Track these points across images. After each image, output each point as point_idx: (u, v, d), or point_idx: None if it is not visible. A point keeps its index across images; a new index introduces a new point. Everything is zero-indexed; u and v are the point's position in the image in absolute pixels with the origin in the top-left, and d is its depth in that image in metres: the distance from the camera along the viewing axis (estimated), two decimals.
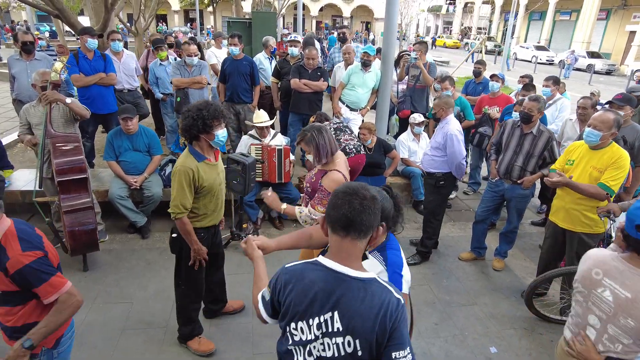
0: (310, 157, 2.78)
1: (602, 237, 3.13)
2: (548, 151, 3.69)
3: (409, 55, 5.94)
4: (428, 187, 4.11)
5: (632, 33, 25.16)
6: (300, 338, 1.41)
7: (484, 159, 5.79)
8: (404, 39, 25.32)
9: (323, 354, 1.39)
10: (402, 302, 1.36)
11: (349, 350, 1.35)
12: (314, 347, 1.40)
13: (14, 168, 5.28)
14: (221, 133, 2.57)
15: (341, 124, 4.22)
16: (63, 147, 3.58)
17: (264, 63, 6.15)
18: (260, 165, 4.37)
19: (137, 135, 4.36)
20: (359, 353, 1.34)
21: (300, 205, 2.85)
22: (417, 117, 5.30)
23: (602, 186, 2.97)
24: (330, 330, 1.36)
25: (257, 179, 4.37)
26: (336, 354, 1.37)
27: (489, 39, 27.59)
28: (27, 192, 4.38)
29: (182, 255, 2.82)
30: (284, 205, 2.80)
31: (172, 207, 2.57)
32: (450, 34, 44.87)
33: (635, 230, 1.69)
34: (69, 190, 3.57)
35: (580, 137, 3.88)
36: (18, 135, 4.00)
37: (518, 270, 4.21)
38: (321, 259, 1.42)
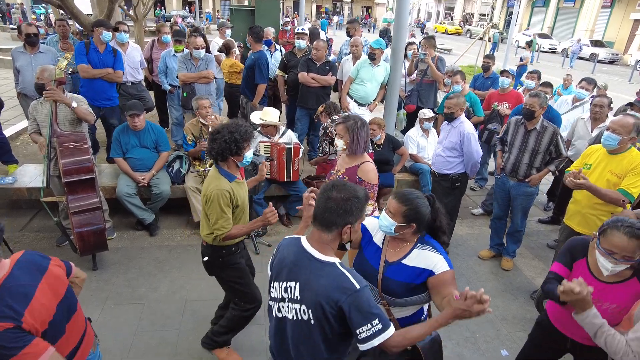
0: (340, 142, 2.82)
1: None
2: (554, 146, 3.67)
3: (412, 44, 5.89)
4: (442, 189, 4.06)
5: (637, 21, 24.87)
6: (274, 295, 1.75)
7: (492, 156, 5.76)
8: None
9: (288, 316, 1.70)
10: (358, 288, 1.57)
11: (304, 317, 1.64)
12: (283, 307, 1.71)
13: (19, 163, 5.25)
14: (249, 154, 2.53)
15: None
16: (70, 147, 3.52)
17: None
18: (269, 163, 4.32)
19: (144, 131, 4.29)
20: (312, 322, 1.62)
21: None
22: (426, 113, 5.23)
23: (623, 192, 2.94)
24: (292, 296, 1.67)
25: (266, 177, 4.32)
26: (295, 318, 1.67)
27: (493, 26, 27.21)
28: (34, 189, 4.33)
29: (220, 277, 2.78)
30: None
31: (215, 230, 2.49)
32: (452, 19, 44.27)
33: None
34: (76, 190, 3.52)
35: (597, 139, 3.85)
36: (29, 134, 3.94)
37: (527, 269, 4.22)
38: (302, 238, 1.73)
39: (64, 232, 3.83)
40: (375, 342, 1.57)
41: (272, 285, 1.76)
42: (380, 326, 1.56)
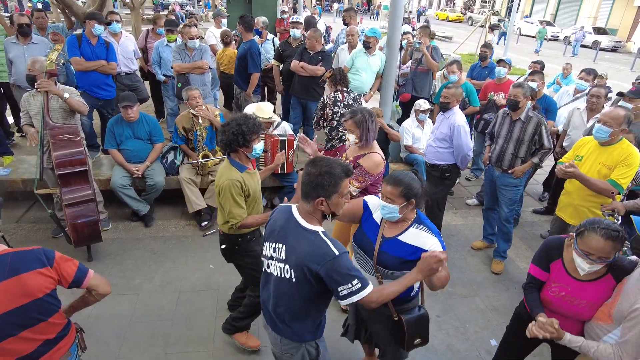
0: (352, 137, 2.90)
1: None
2: (538, 135, 3.67)
3: (407, 34, 5.83)
4: (432, 179, 4.07)
5: None
6: (265, 253, 1.95)
7: None
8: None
9: (274, 273, 1.89)
10: (337, 254, 1.71)
11: (287, 276, 1.82)
12: (271, 264, 1.90)
13: (14, 154, 5.25)
14: (259, 146, 2.59)
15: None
16: (62, 139, 3.52)
17: None
18: (262, 154, 4.32)
19: (138, 123, 4.29)
20: (293, 280, 1.80)
21: None
22: (422, 104, 5.21)
23: (613, 183, 2.96)
24: (278, 256, 1.85)
25: (260, 168, 4.33)
26: (279, 275, 1.86)
27: (494, 13, 26.89)
28: (29, 180, 4.35)
29: (238, 263, 2.88)
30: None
31: (230, 219, 2.57)
32: (453, 6, 43.68)
33: None
34: (69, 183, 3.54)
35: (592, 130, 3.84)
36: (21, 126, 3.94)
37: (519, 260, 4.24)
38: (293, 206, 1.90)
39: (59, 224, 3.86)
40: (355, 298, 1.73)
41: (264, 244, 1.96)
42: (359, 285, 1.72)
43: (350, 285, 1.71)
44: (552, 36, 25.77)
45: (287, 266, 1.80)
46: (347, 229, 3.20)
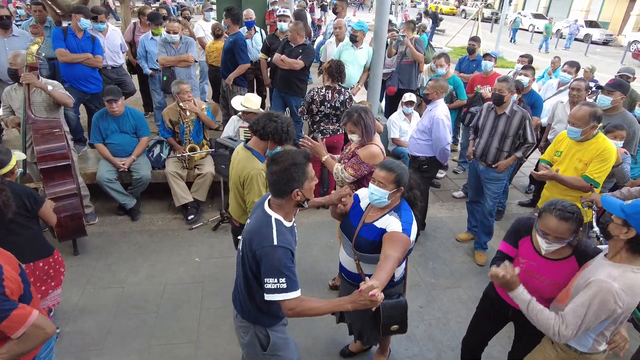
0: (354, 137, 2.97)
1: (585, 227, 3.19)
2: (522, 130, 3.71)
3: (396, 32, 5.83)
4: (413, 170, 4.11)
5: (633, 1, 24.59)
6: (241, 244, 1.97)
7: None
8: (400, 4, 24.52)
9: (240, 249, 1.96)
10: (274, 245, 1.76)
11: (242, 250, 1.91)
12: (240, 243, 1.96)
13: None
14: (276, 150, 2.68)
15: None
16: (45, 133, 3.51)
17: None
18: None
19: (123, 116, 4.27)
20: (241, 253, 1.91)
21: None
22: (407, 96, 5.23)
23: (586, 178, 3.02)
24: (243, 234, 1.92)
25: None
26: (240, 251, 1.94)
27: (487, 6, 26.88)
28: None
29: None
30: (326, 156, 3.10)
31: (251, 210, 2.56)
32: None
33: None
34: (52, 177, 3.53)
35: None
36: (1, 120, 3.91)
37: None
38: (266, 199, 1.94)
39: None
40: (277, 297, 1.76)
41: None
42: (285, 286, 1.74)
43: (276, 281, 1.73)
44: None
45: (243, 240, 1.90)
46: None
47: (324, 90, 4.24)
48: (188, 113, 4.35)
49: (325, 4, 20.98)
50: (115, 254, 3.92)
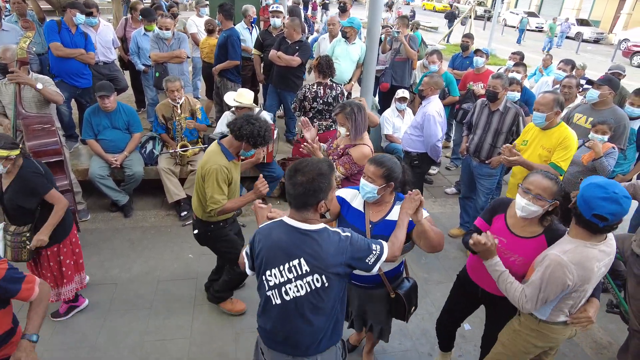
0: (342, 130, 2.98)
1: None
2: (515, 126, 3.76)
3: (390, 28, 5.85)
4: (405, 165, 4.16)
5: (623, 0, 24.84)
6: (275, 282, 1.76)
7: None
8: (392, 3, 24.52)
9: (298, 294, 1.74)
10: (350, 236, 1.76)
11: (318, 285, 1.73)
12: (289, 288, 1.74)
13: None
14: (250, 152, 2.74)
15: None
16: (36, 129, 3.47)
17: (244, 34, 5.91)
18: (265, 148, 4.31)
19: (115, 112, 4.24)
20: (326, 284, 1.73)
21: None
22: (400, 93, 5.26)
23: (553, 166, 3.13)
24: (300, 273, 1.72)
25: None
26: (309, 290, 1.73)
27: (479, 3, 26.98)
28: None
29: (212, 248, 3.04)
30: (321, 155, 3.08)
31: (210, 204, 2.64)
32: None
33: (592, 216, 1.82)
34: None
35: (565, 119, 3.97)
36: None
37: None
38: (285, 219, 1.78)
39: None
40: (383, 259, 1.81)
41: (266, 274, 1.77)
42: (378, 248, 1.80)
43: (374, 252, 1.78)
44: (536, 27, 25.97)
45: (315, 276, 1.71)
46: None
47: (315, 87, 4.24)
48: (180, 110, 4.33)
49: (327, 2, 20.83)
50: (107, 250, 3.90)
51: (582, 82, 6.15)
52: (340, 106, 2.98)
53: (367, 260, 1.77)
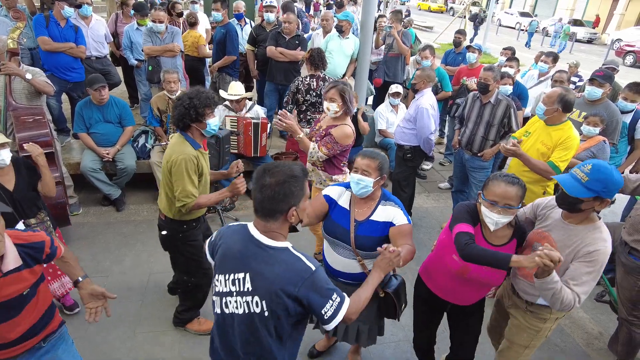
0: (333, 106, 2.90)
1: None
2: (507, 118, 3.76)
3: (382, 17, 5.89)
4: (397, 158, 4.20)
5: (616, 1, 25.05)
6: (219, 290, 1.57)
7: None
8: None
9: (236, 312, 1.53)
10: (314, 270, 1.49)
11: (257, 310, 1.49)
12: (230, 301, 1.54)
13: None
14: (213, 122, 2.46)
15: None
16: (27, 120, 3.44)
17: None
18: (235, 137, 4.31)
19: (107, 106, 4.22)
20: (265, 314, 1.48)
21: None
22: (393, 88, 5.27)
23: (551, 165, 3.03)
24: (242, 289, 1.51)
25: (232, 151, 4.32)
26: (246, 311, 1.51)
27: (474, 4, 27.05)
28: None
29: (177, 252, 2.75)
30: (302, 134, 3.03)
31: (182, 199, 2.39)
32: None
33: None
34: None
35: None
36: None
37: None
38: (250, 225, 1.58)
39: None
40: (339, 316, 1.52)
41: (216, 276, 1.59)
42: (339, 299, 1.53)
43: (331, 301, 1.50)
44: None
45: (255, 298, 1.48)
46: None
47: (308, 79, 4.24)
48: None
49: (331, 2, 20.78)
50: (99, 243, 3.88)
51: (575, 79, 6.21)
52: (332, 82, 2.95)
53: (323, 310, 1.48)
